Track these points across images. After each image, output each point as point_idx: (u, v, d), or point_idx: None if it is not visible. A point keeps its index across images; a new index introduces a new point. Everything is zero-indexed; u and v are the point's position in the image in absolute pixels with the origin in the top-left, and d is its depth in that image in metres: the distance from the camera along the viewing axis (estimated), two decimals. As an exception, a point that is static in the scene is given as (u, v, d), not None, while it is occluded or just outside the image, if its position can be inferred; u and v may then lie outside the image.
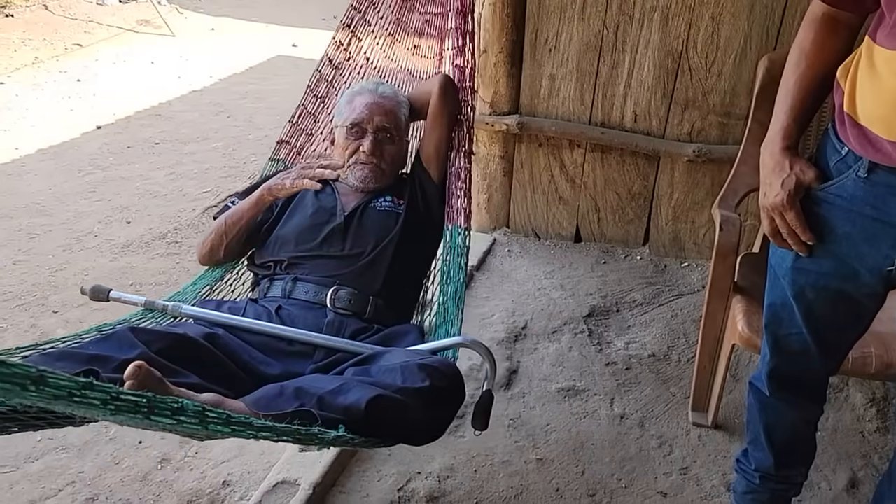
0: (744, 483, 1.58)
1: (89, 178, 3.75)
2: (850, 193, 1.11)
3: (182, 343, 1.28)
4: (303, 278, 1.60)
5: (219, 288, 1.79)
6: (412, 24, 2.07)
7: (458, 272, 1.58)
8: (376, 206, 1.72)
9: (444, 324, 1.53)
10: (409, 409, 1.16)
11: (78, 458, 1.89)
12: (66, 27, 6.64)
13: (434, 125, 1.79)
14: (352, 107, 1.77)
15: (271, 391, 1.20)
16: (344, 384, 1.19)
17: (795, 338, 1.30)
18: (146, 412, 0.75)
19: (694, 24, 2.41)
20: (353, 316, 1.55)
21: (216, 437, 1.21)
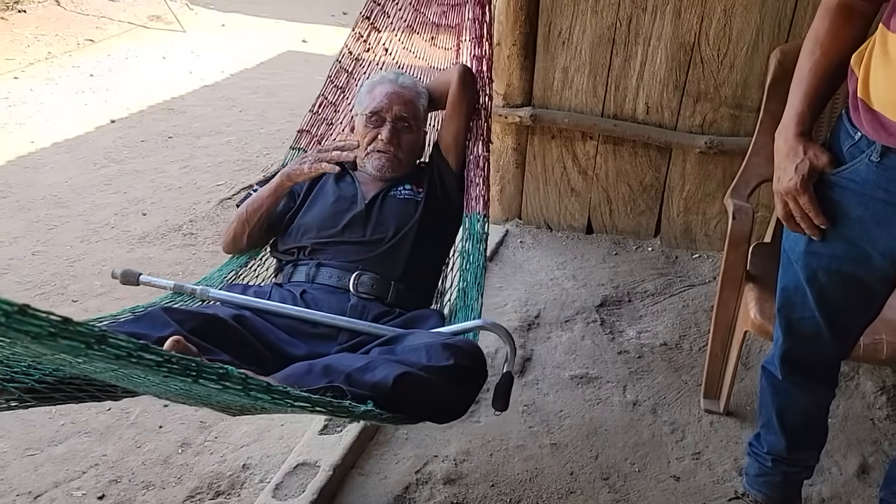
0: (756, 466, 1.61)
1: (104, 171, 3.79)
2: (862, 178, 1.14)
3: (213, 323, 1.32)
4: (326, 263, 1.64)
5: (243, 273, 1.83)
6: (430, 15, 2.10)
7: (478, 258, 1.61)
8: (395, 195, 1.75)
9: (464, 308, 1.56)
10: (435, 386, 1.20)
11: (100, 442, 1.93)
12: (78, 23, 6.69)
13: (453, 115, 1.81)
14: (371, 96, 1.80)
15: (300, 368, 1.24)
16: (371, 362, 1.22)
17: (808, 321, 1.33)
18: (195, 376, 0.78)
19: (706, 17, 2.44)
20: (375, 300, 1.59)
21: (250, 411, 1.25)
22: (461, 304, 1.58)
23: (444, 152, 1.82)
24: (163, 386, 0.99)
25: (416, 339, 1.33)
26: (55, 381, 1.02)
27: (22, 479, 1.78)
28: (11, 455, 1.86)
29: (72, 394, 1.09)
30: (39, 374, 0.98)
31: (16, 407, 1.09)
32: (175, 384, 0.89)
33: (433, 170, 1.83)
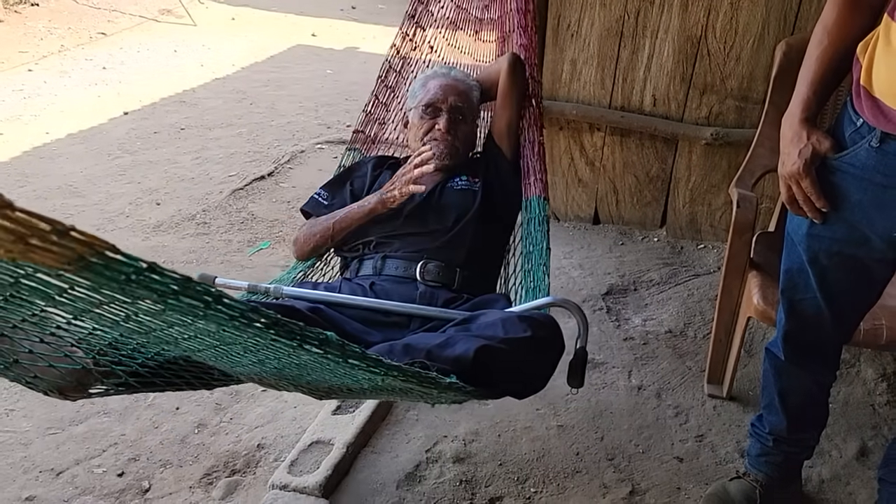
0: (758, 446, 1.65)
1: (118, 161, 3.85)
2: (862, 162, 1.18)
3: (292, 314, 1.32)
4: (391, 255, 1.66)
5: (311, 273, 1.86)
6: (472, 10, 2.14)
7: (541, 239, 1.62)
8: (452, 186, 1.77)
9: (532, 289, 1.57)
10: (515, 356, 1.19)
11: (119, 422, 1.98)
12: (91, 16, 6.75)
13: (504, 103, 1.83)
14: (426, 89, 1.83)
15: (382, 349, 1.24)
16: (450, 338, 1.23)
17: (810, 302, 1.37)
18: (300, 340, 0.80)
19: (713, 10, 2.47)
20: (442, 287, 1.60)
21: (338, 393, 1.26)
22: (530, 286, 1.59)
23: (497, 141, 1.84)
24: (260, 365, 1.02)
25: (490, 317, 1.33)
26: (157, 364, 1.05)
27: (44, 457, 1.84)
28: (34, 433, 1.92)
29: (170, 379, 1.11)
30: (143, 358, 1.01)
31: (121, 391, 1.11)
32: (276, 356, 0.92)
33: (488, 159, 1.85)
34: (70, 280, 0.59)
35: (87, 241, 0.53)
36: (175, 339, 0.87)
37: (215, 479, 1.79)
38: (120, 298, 0.66)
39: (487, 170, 1.82)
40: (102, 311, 0.71)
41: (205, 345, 0.90)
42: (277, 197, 3.46)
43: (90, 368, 0.98)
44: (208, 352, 0.96)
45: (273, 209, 3.33)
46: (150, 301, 0.65)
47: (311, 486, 1.66)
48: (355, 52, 6.26)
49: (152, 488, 1.76)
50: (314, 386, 1.21)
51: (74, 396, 1.05)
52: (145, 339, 0.89)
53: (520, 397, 1.30)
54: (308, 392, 1.31)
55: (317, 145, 4.10)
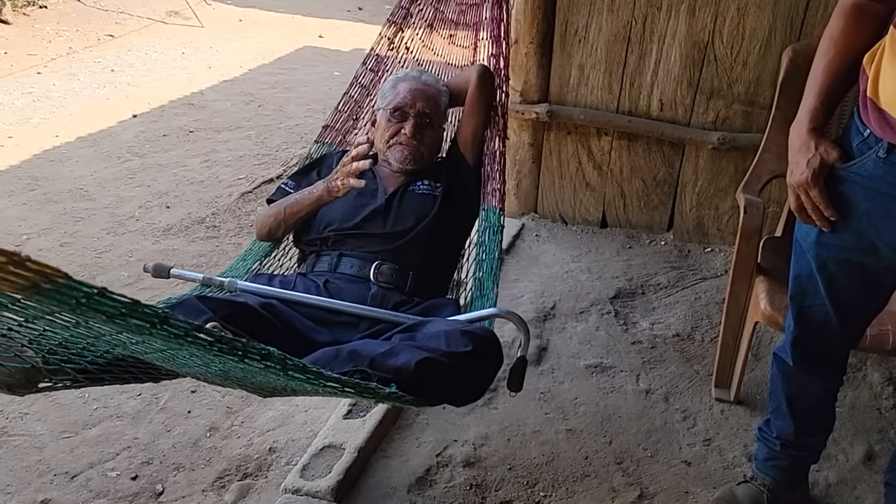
0: (765, 450, 1.66)
1: (128, 164, 3.88)
2: (869, 172, 1.19)
3: (243, 310, 1.40)
4: (347, 254, 1.71)
5: (268, 263, 1.90)
6: (449, 14, 2.16)
7: (494, 249, 1.67)
8: (414, 190, 1.81)
9: (480, 297, 1.63)
10: (454, 370, 1.27)
11: (132, 426, 2.01)
12: (98, 18, 6.79)
13: (471, 112, 1.87)
14: (395, 91, 1.85)
15: (328, 353, 1.31)
16: (394, 347, 1.29)
17: (818, 308, 1.39)
18: (241, 355, 0.86)
19: (720, 16, 2.48)
20: (394, 289, 1.65)
21: (281, 392, 1.33)
22: (477, 294, 1.65)
23: (461, 148, 1.88)
24: (205, 367, 1.07)
25: (435, 326, 1.40)
26: (105, 362, 1.10)
27: (59, 460, 1.87)
28: (48, 437, 1.94)
29: (119, 375, 1.17)
30: (92, 356, 1.05)
31: (69, 386, 1.16)
32: (219, 364, 0.97)
33: (451, 165, 1.89)
34: (19, 298, 0.64)
35: (41, 270, 0.58)
36: (123, 343, 0.92)
37: (227, 483, 1.81)
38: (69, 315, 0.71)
39: (449, 176, 1.85)
40: (54, 318, 0.76)
41: (153, 348, 0.94)
42: (286, 200, 3.48)
43: (39, 367, 1.03)
44: (156, 354, 1.00)
45: (282, 212, 3.35)
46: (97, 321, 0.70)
47: (322, 491, 1.68)
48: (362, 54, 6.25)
49: (165, 492, 1.78)
50: (258, 387, 1.27)
51: (22, 392, 1.09)
52: (94, 340, 0.94)
53: (457, 405, 1.40)
54: (252, 391, 1.37)
55: (324, 148, 4.12)
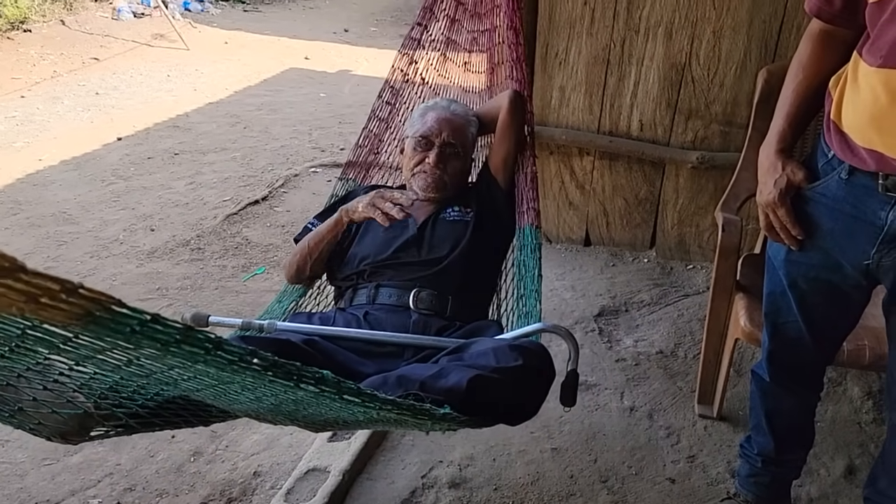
0: (747, 467, 1.68)
1: (112, 187, 3.88)
2: (833, 193, 1.23)
3: (287, 347, 1.36)
4: (385, 284, 1.69)
5: (304, 303, 1.90)
6: (461, 42, 2.18)
7: (534, 266, 1.65)
8: (445, 217, 1.81)
9: (524, 315, 1.59)
10: (507, 386, 1.22)
11: (114, 452, 1.99)
12: (83, 42, 6.81)
13: (503, 138, 1.86)
14: (423, 120, 1.87)
15: (376, 381, 1.27)
16: (443, 369, 1.25)
17: (792, 325, 1.41)
18: (296, 380, 0.84)
19: (696, 38, 2.53)
20: (435, 315, 1.63)
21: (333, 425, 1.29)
22: (521, 312, 1.62)
23: (493, 173, 1.88)
24: (256, 402, 1.05)
25: (482, 345, 1.36)
26: (156, 405, 1.08)
27: (40, 488, 1.85)
28: (29, 464, 1.93)
29: (169, 418, 1.14)
30: (143, 399, 1.04)
31: (121, 433, 1.14)
32: (273, 392, 0.95)
33: (482, 189, 1.89)
34: (76, 331, 0.63)
35: (95, 298, 0.56)
36: (174, 380, 0.90)
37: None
38: (123, 345, 0.69)
39: (481, 200, 1.86)
40: (105, 357, 0.74)
41: (203, 384, 0.92)
42: (272, 221, 3.49)
43: (91, 412, 1.01)
44: (207, 391, 0.98)
45: (268, 234, 3.36)
46: (152, 349, 0.68)
47: (308, 514, 1.67)
48: (348, 75, 6.33)
49: (149, 518, 1.77)
50: (310, 420, 1.23)
51: (76, 440, 1.07)
52: (145, 381, 0.91)
53: (512, 424, 1.32)
54: (304, 426, 1.33)
55: (311, 169, 4.14)
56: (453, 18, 2.17)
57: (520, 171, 1.87)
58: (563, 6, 2.61)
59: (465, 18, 2.19)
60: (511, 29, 1.94)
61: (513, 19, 1.94)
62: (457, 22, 2.18)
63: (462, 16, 2.19)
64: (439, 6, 2.15)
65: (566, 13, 2.62)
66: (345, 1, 10.04)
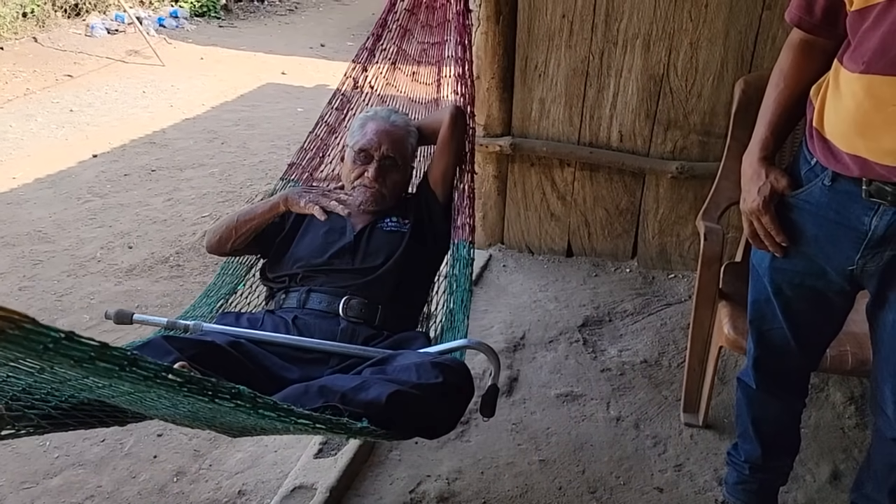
0: (735, 474, 1.69)
1: (88, 205, 3.83)
2: (816, 200, 1.24)
3: (211, 350, 1.38)
4: (316, 289, 1.70)
5: (234, 301, 1.89)
6: (411, 52, 2.19)
7: (464, 282, 1.68)
8: (382, 227, 1.82)
9: (451, 329, 1.63)
10: (426, 402, 1.26)
11: (95, 473, 1.95)
12: (56, 59, 6.73)
13: (443, 152, 1.89)
14: (363, 132, 1.87)
15: (297, 390, 1.30)
16: (364, 381, 1.28)
17: (777, 332, 1.42)
18: (211, 395, 0.85)
19: (674, 50, 2.57)
20: (363, 324, 1.65)
21: (251, 432, 1.31)
22: (448, 326, 1.65)
23: (432, 186, 1.90)
24: (173, 409, 1.05)
25: (406, 359, 1.40)
26: (70, 407, 1.07)
27: (19, 513, 1.81)
28: (8, 489, 1.88)
29: (83, 419, 1.14)
30: (56, 401, 1.03)
31: (32, 433, 1.13)
32: (188, 405, 0.96)
33: (420, 201, 1.91)
34: None
35: (6, 316, 0.57)
36: (89, 387, 0.91)
37: (197, 529, 1.77)
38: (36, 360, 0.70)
39: (419, 212, 1.88)
40: (18, 365, 0.75)
41: (119, 392, 0.93)
42: (251, 237, 3.45)
43: (2, 413, 1.00)
44: (123, 398, 0.99)
45: (247, 250, 3.32)
46: (66, 365, 0.69)
47: (295, 533, 1.65)
48: (326, 90, 6.30)
49: (132, 541, 1.73)
50: (228, 427, 1.25)
51: None
52: (59, 385, 0.92)
53: (430, 438, 1.38)
54: (222, 432, 1.34)
55: (290, 184, 4.11)
56: (406, 28, 2.18)
57: (457, 186, 1.89)
58: (542, 19, 2.64)
59: (417, 29, 2.20)
60: (459, 44, 1.96)
61: (462, 34, 1.96)
62: (409, 32, 2.19)
63: (414, 26, 2.19)
64: (393, 17, 2.16)
65: (545, 26, 2.64)
66: (321, 16, 10.06)
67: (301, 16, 10.01)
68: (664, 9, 2.52)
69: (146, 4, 8.49)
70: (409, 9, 2.15)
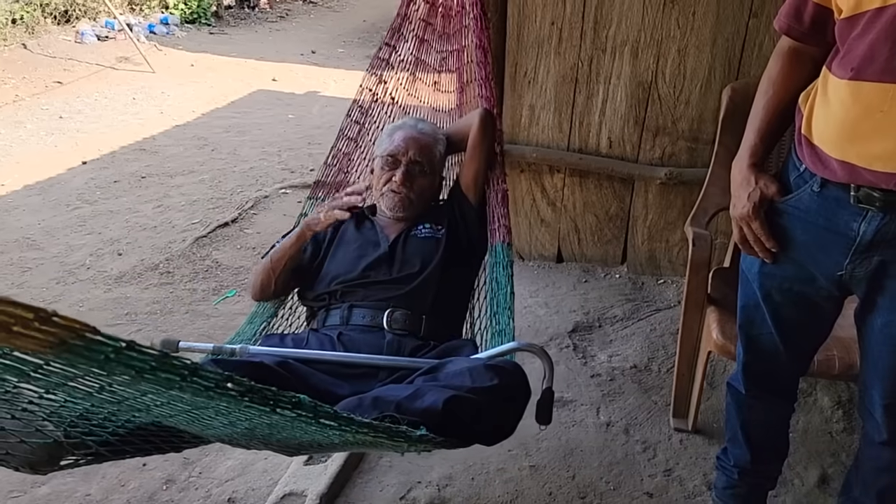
0: (724, 479, 1.69)
1: (78, 212, 3.81)
2: (805, 206, 1.25)
3: (260, 371, 1.36)
4: (358, 304, 1.68)
5: (276, 323, 1.87)
6: (430, 62, 2.19)
7: (506, 284, 1.66)
8: (416, 234, 1.81)
9: (497, 333, 1.60)
10: (482, 406, 1.22)
11: (84, 482, 1.94)
12: (46, 65, 6.70)
13: (474, 155, 1.88)
14: (391, 139, 1.87)
15: (351, 403, 1.26)
16: (418, 389, 1.25)
17: (766, 337, 1.43)
18: (273, 405, 0.82)
19: (662, 57, 2.59)
20: (409, 335, 1.63)
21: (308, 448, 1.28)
22: (495, 331, 1.62)
23: (464, 190, 1.89)
24: (230, 427, 1.03)
25: (456, 365, 1.36)
26: (126, 432, 1.05)
27: (6, 522, 1.80)
28: (-5, 498, 1.87)
29: (141, 445, 1.12)
30: (113, 427, 1.02)
31: (91, 462, 1.11)
32: (247, 417, 0.93)
33: (453, 207, 1.89)
34: (47, 358, 0.61)
35: (69, 325, 0.55)
36: (147, 406, 0.88)
37: (186, 537, 1.76)
38: (96, 372, 0.68)
39: (452, 217, 1.87)
40: (76, 384, 0.73)
41: (177, 410, 0.91)
42: (242, 244, 3.45)
43: (61, 441, 0.98)
44: (180, 417, 0.97)
45: (238, 256, 3.32)
46: (126, 376, 0.67)
47: (285, 540, 1.64)
48: (317, 97, 6.31)
49: (120, 550, 1.72)
50: (285, 443, 1.22)
51: (45, 470, 1.04)
52: (116, 407, 0.90)
53: (489, 444, 1.33)
54: (278, 450, 1.31)
55: (281, 190, 4.11)
56: (422, 39, 2.18)
57: (490, 189, 1.88)
58: (531, 26, 2.65)
59: (434, 39, 2.20)
60: (479, 48, 1.96)
61: (481, 38, 1.96)
62: (426, 42, 2.20)
63: (431, 36, 2.20)
64: (408, 27, 2.16)
65: (534, 33, 2.66)
66: (311, 23, 10.07)
67: (292, 23, 10.01)
68: (652, 16, 2.54)
69: (136, 11, 8.47)
70: (424, 18, 2.15)
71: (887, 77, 1.06)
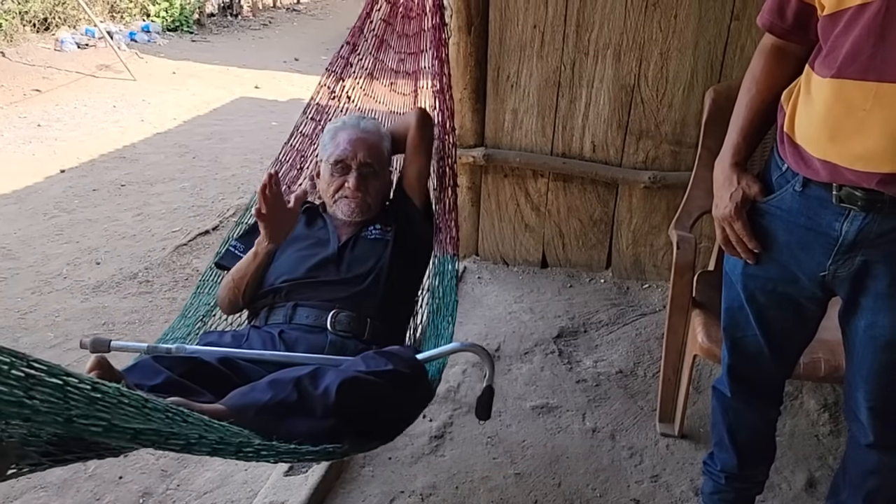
0: (711, 484, 1.67)
1: (55, 220, 3.74)
2: (788, 206, 1.24)
3: (199, 367, 1.37)
4: (303, 304, 1.66)
5: (212, 322, 1.83)
6: (388, 62, 2.17)
7: (449, 294, 1.67)
8: (366, 236, 1.79)
9: (436, 336, 1.61)
10: (379, 387, 1.26)
11: (58, 496, 1.89)
12: (24, 73, 6.63)
13: (414, 156, 1.87)
14: (335, 143, 1.83)
15: (243, 388, 1.28)
16: (318, 369, 1.29)
17: (751, 339, 1.41)
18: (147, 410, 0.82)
19: (644, 60, 2.58)
20: (353, 338, 1.61)
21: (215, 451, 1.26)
22: (433, 335, 1.63)
23: (408, 192, 1.87)
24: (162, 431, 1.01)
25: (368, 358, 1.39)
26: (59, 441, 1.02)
27: (-24, 539, 1.74)
28: (-35, 513, 1.82)
29: (81, 453, 1.09)
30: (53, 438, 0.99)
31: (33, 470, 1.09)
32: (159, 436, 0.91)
33: (399, 208, 1.88)
34: None
35: None
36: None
37: (163, 552, 1.71)
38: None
39: (399, 219, 1.85)
40: None
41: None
42: (223, 252, 3.40)
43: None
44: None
45: (219, 264, 3.27)
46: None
47: (264, 554, 1.60)
48: (300, 104, 6.25)
49: (95, 567, 1.67)
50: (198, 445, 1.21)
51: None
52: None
53: (386, 437, 1.38)
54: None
55: (262, 198, 4.07)
56: (382, 39, 2.15)
57: (438, 199, 1.87)
58: (513, 30, 2.64)
59: (393, 39, 2.17)
60: (436, 58, 1.95)
61: (438, 48, 1.95)
62: (385, 42, 2.17)
63: (390, 36, 2.17)
64: (369, 26, 2.13)
65: (516, 36, 2.65)
66: (295, 30, 10.05)
67: (275, 30, 9.98)
68: (634, 19, 2.53)
69: (117, 19, 8.41)
70: (384, 19, 2.13)
71: (870, 75, 1.05)
